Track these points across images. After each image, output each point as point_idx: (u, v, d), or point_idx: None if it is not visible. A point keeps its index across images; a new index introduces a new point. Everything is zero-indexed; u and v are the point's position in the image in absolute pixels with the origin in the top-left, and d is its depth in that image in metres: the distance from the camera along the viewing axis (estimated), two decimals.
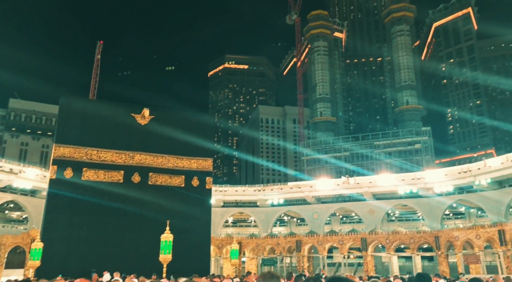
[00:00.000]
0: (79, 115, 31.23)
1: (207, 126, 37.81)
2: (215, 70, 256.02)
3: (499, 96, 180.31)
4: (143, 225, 30.92)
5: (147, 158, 32.59)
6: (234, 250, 32.76)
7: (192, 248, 30.78)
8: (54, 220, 28.72)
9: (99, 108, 32.81)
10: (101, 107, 33.56)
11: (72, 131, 30.64)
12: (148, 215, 31.23)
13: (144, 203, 31.78)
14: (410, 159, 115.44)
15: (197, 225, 33.02)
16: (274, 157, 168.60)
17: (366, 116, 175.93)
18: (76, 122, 30.95)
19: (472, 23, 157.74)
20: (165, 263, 24.93)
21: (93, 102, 52.86)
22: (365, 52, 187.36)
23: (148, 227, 30.12)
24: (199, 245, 32.65)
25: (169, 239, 25.36)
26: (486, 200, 62.79)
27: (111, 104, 34.41)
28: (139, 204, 31.47)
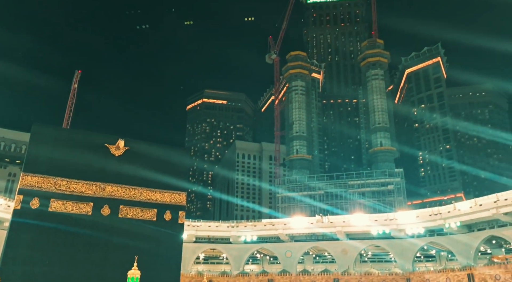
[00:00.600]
0: (51, 143, 30.46)
1: (182, 160, 37.50)
2: (194, 104, 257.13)
3: (468, 141, 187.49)
4: (110, 260, 29.71)
5: (118, 190, 31.82)
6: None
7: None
8: (15, 254, 27.22)
9: (72, 137, 32.19)
10: (74, 136, 32.96)
11: (42, 159, 29.76)
12: (116, 249, 30.14)
13: (112, 237, 30.71)
14: (383, 200, 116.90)
15: (166, 262, 31.96)
16: (249, 195, 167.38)
17: (341, 156, 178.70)
18: (47, 150, 30.13)
19: (441, 71, 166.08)
20: None
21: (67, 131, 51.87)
22: (341, 93, 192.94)
23: (116, 262, 28.96)
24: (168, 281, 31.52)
25: (136, 276, 24.43)
26: (456, 243, 63.64)
27: (85, 133, 33.84)
28: (107, 238, 30.38)
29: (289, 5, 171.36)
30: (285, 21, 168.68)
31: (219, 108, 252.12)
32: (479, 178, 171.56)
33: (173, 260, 33.54)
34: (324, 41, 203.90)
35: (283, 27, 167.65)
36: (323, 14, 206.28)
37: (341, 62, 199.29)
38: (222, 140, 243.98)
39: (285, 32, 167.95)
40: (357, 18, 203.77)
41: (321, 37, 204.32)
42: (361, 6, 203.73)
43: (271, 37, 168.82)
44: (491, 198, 59.92)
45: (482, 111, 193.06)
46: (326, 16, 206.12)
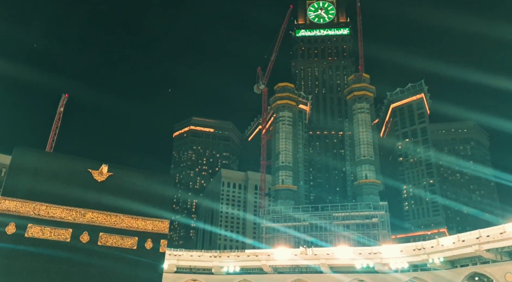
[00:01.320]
0: (32, 167, 29.79)
1: (166, 187, 36.98)
2: (181, 131, 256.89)
3: (451, 177, 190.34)
4: None
5: (99, 216, 31.04)
6: None
7: None
8: None
9: (54, 161, 31.59)
10: (57, 160, 32.35)
11: (22, 183, 28.99)
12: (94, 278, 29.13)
13: (90, 265, 29.71)
14: (367, 233, 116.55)
15: None
16: (233, 225, 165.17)
17: (326, 187, 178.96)
18: (28, 174, 29.42)
19: (425, 107, 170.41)
20: None
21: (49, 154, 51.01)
22: (327, 125, 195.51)
23: None
24: None
25: None
26: (439, 279, 63.26)
27: (68, 157, 33.24)
28: (85, 266, 29.37)
29: (278, 37, 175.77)
30: (274, 53, 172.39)
31: (206, 136, 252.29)
32: (462, 213, 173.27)
33: None
34: (312, 73, 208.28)
35: (272, 59, 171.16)
36: (311, 48, 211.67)
37: (328, 95, 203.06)
38: (207, 168, 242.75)
39: (273, 63, 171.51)
40: (344, 53, 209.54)
41: (309, 70, 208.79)
42: (348, 41, 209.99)
43: (260, 68, 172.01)
44: (474, 234, 60.23)
45: (464, 147, 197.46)
46: (314, 49, 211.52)
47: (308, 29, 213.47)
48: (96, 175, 31.46)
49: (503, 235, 56.06)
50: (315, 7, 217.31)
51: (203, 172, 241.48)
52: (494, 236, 57.12)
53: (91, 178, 31.26)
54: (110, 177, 32.10)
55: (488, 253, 57.89)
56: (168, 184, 40.18)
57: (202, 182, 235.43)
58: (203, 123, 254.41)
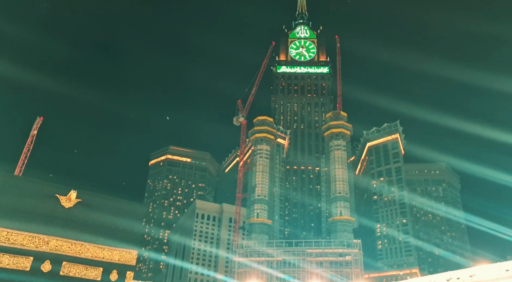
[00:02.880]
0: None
1: (137, 217, 36.03)
2: (157, 160, 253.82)
3: (423, 217, 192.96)
4: None
5: (64, 244, 29.80)
6: None
7: None
8: None
9: (21, 185, 30.51)
10: (24, 184, 31.27)
11: None
12: None
13: None
14: (340, 270, 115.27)
15: None
16: (205, 261, 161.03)
17: (301, 223, 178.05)
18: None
19: (399, 147, 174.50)
20: None
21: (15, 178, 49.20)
22: (304, 160, 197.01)
23: None
24: None
25: None
26: None
27: (35, 182, 32.17)
28: None
29: (260, 72, 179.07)
30: (254, 87, 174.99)
31: (183, 165, 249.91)
32: (434, 255, 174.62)
33: None
34: (291, 109, 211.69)
35: (252, 93, 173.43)
36: (291, 84, 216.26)
37: (306, 131, 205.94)
38: (182, 198, 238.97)
39: (254, 97, 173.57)
40: (323, 90, 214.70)
41: (288, 105, 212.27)
42: (327, 80, 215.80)
43: (240, 100, 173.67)
44: (445, 276, 60.45)
45: (436, 188, 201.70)
46: (294, 86, 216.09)
47: (289, 66, 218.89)
48: (64, 201, 30.41)
49: (472, 278, 56.45)
50: (296, 45, 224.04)
51: (178, 202, 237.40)
52: (464, 279, 57.45)
53: (59, 204, 30.21)
54: (79, 203, 31.14)
55: None
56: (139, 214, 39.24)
57: (176, 212, 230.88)
58: (180, 152, 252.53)
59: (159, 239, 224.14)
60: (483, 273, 55.26)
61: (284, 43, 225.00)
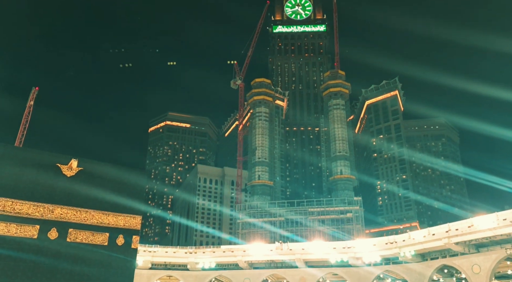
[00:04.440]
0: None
1: (139, 182, 36.33)
2: (157, 126, 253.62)
3: (422, 172, 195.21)
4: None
5: (68, 212, 30.20)
6: None
7: None
8: None
9: (21, 156, 30.54)
10: (24, 155, 31.30)
11: None
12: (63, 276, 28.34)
13: (59, 262, 28.89)
14: (341, 227, 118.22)
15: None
16: (209, 220, 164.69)
17: (302, 183, 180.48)
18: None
19: (399, 104, 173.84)
20: None
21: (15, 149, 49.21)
22: (303, 121, 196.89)
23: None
24: None
25: None
26: (410, 272, 64.80)
27: (35, 152, 32.19)
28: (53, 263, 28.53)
29: (255, 33, 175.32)
30: (251, 49, 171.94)
31: (182, 131, 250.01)
32: (433, 208, 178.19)
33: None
34: (289, 69, 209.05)
35: (248, 54, 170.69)
36: (288, 44, 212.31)
37: (304, 91, 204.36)
38: (184, 164, 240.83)
39: (250, 59, 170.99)
40: (321, 49, 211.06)
41: (285, 66, 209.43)
42: (324, 38, 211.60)
43: (236, 63, 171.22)
44: (443, 227, 61.86)
45: (436, 143, 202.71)
46: (291, 46, 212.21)
47: (285, 25, 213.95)
48: (65, 170, 30.58)
49: (471, 229, 57.80)
50: (292, 3, 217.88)
51: (179, 167, 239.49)
52: (463, 230, 58.85)
53: (60, 173, 30.38)
54: (80, 172, 31.30)
55: (457, 246, 59.62)
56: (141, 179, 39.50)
57: (178, 178, 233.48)
58: (179, 118, 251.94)
59: (163, 204, 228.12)
60: (481, 223, 56.52)
61: (279, 1, 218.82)
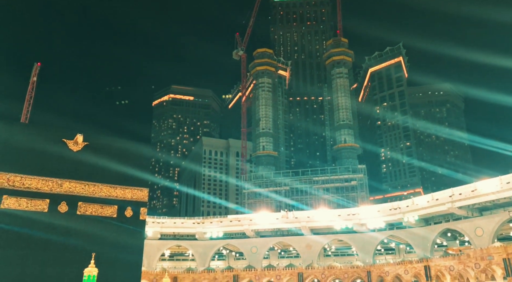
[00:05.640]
0: (4, 138, 29.10)
1: (145, 156, 36.79)
2: (160, 100, 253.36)
3: (426, 139, 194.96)
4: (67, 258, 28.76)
5: (77, 186, 30.78)
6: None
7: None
8: None
9: (27, 132, 30.87)
10: (30, 131, 31.62)
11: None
12: (74, 248, 29.23)
13: (70, 234, 29.73)
14: (346, 195, 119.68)
15: (127, 258, 31.30)
16: (216, 190, 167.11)
17: (306, 152, 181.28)
18: (0, 145, 28.78)
19: (403, 71, 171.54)
20: None
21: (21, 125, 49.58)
22: (307, 91, 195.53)
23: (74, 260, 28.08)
24: (128, 279, 30.88)
25: (93, 274, 23.84)
26: (414, 236, 66.20)
27: (41, 128, 32.49)
28: (64, 236, 29.36)
29: (256, 2, 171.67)
30: (252, 18, 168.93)
31: (186, 104, 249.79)
32: (437, 174, 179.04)
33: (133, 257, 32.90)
34: (291, 39, 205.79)
35: (250, 24, 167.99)
36: (290, 13, 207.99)
37: (307, 60, 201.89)
38: (188, 136, 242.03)
39: (252, 29, 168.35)
40: (323, 17, 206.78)
41: (287, 35, 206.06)
42: (326, 6, 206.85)
43: (238, 33, 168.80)
44: (447, 192, 62.66)
45: (440, 109, 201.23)
46: (293, 14, 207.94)
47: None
48: (71, 144, 30.95)
49: (474, 193, 58.54)
50: None
51: (184, 140, 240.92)
52: (466, 194, 59.62)
53: (66, 148, 30.75)
54: (86, 146, 31.63)
55: (460, 210, 60.56)
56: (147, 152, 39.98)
57: (184, 151, 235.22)
58: (183, 91, 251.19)
59: (170, 176, 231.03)
60: (485, 187, 57.15)
61: None
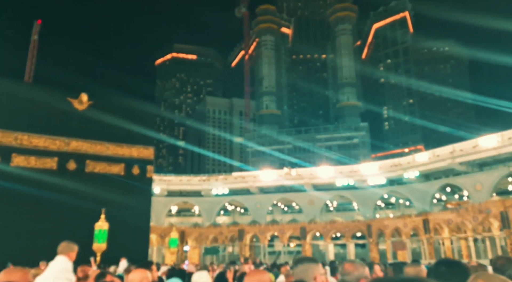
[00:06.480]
0: (9, 97, 29.40)
1: (150, 114, 37.27)
2: (163, 59, 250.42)
3: (429, 96, 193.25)
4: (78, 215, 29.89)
5: (84, 145, 31.50)
6: (174, 239, 32.91)
7: (129, 237, 30.33)
8: None
9: (32, 91, 31.18)
10: (34, 90, 31.95)
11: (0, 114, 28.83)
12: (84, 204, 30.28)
13: (79, 191, 30.70)
14: (348, 153, 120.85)
15: (136, 214, 32.55)
16: (220, 149, 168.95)
17: (309, 111, 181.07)
18: (5, 104, 29.10)
19: (408, 27, 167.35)
20: (99, 252, 24.49)
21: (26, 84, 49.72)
22: (310, 49, 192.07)
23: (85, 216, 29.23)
24: (138, 234, 32.26)
25: (103, 228, 24.90)
26: (414, 191, 67.62)
27: (45, 87, 32.79)
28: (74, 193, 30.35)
29: None
30: None
31: (189, 63, 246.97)
32: (439, 132, 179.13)
33: (142, 212, 34.16)
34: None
35: None
36: None
37: (310, 17, 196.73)
38: (192, 96, 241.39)
39: None
40: None
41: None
42: None
43: None
44: (448, 149, 63.31)
45: (444, 66, 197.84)
46: None
47: None
48: (76, 103, 31.34)
49: (475, 149, 59.15)
50: None
51: (188, 99, 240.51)
52: (467, 150, 60.27)
53: (71, 107, 31.15)
54: (91, 105, 32.01)
55: (461, 166, 61.45)
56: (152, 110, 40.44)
57: (188, 110, 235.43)
58: (185, 49, 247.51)
59: (175, 135, 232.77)
60: (486, 143, 57.67)
61: None
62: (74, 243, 7.54)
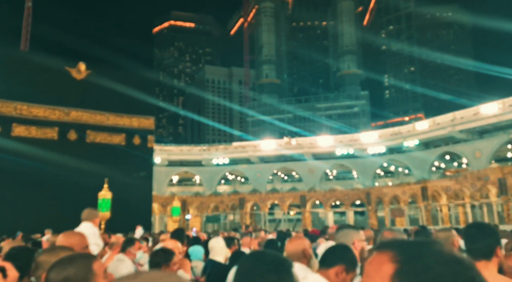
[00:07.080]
0: (6, 66, 28.98)
1: (150, 83, 36.98)
2: (160, 27, 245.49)
3: (431, 64, 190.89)
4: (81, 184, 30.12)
5: (84, 115, 31.36)
6: (176, 208, 33.35)
7: (132, 205, 30.75)
8: None
9: (29, 60, 30.70)
10: (31, 58, 31.44)
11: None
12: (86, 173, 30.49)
13: (81, 161, 30.83)
14: (348, 122, 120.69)
15: (138, 183, 32.89)
16: (220, 118, 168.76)
17: (310, 79, 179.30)
18: (3, 74, 28.75)
19: None
20: (103, 221, 24.85)
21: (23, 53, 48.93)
22: (310, 15, 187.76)
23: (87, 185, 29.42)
24: (140, 202, 32.67)
25: (107, 197, 25.12)
26: (413, 159, 68.00)
27: (42, 56, 32.26)
28: (75, 162, 30.50)
29: None
30: None
31: (187, 31, 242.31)
32: (440, 100, 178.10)
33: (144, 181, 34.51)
34: None
35: None
36: None
37: None
38: (191, 64, 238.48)
39: None
40: None
41: None
42: None
43: None
44: (448, 116, 63.24)
45: (447, 32, 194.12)
46: None
47: None
48: (74, 73, 30.96)
49: (476, 116, 59.08)
50: None
51: (187, 68, 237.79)
52: (468, 118, 60.22)
53: (69, 76, 30.78)
54: (89, 75, 31.64)
55: (461, 134, 61.53)
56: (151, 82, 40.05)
57: (187, 79, 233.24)
58: (183, 17, 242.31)
59: (174, 105, 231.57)
60: (487, 110, 57.55)
61: None
62: (97, 210, 7.69)
